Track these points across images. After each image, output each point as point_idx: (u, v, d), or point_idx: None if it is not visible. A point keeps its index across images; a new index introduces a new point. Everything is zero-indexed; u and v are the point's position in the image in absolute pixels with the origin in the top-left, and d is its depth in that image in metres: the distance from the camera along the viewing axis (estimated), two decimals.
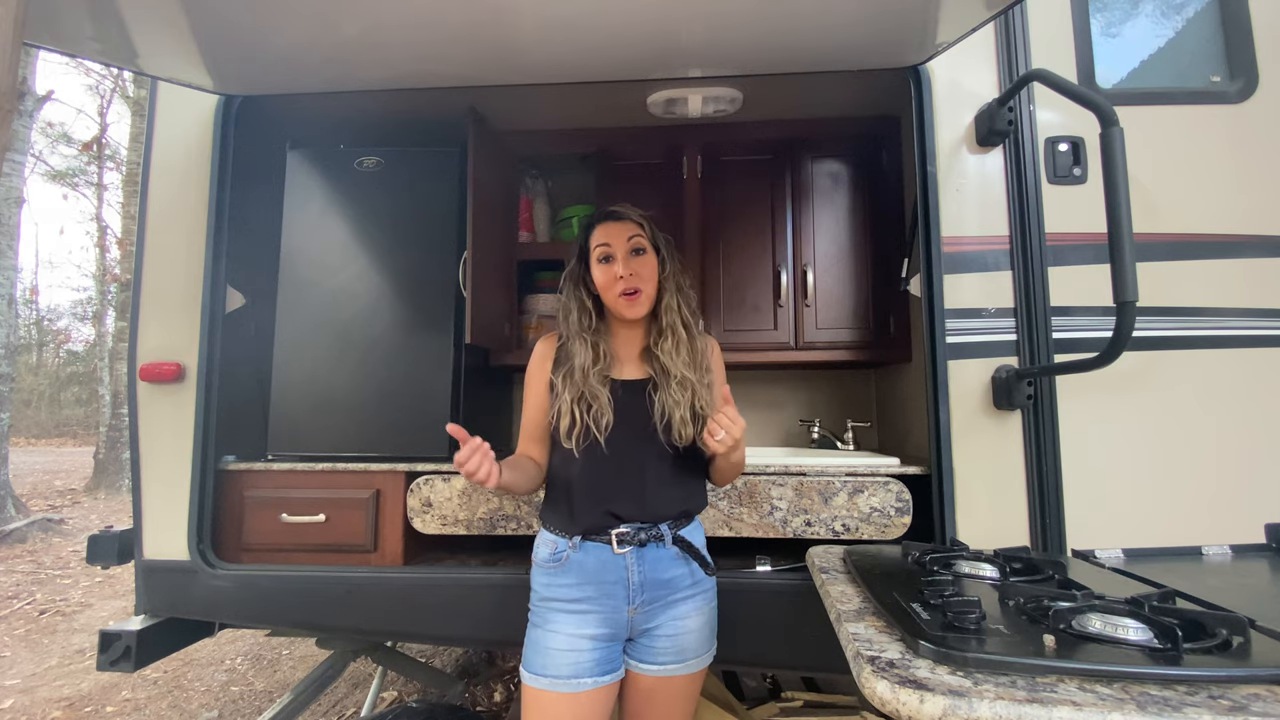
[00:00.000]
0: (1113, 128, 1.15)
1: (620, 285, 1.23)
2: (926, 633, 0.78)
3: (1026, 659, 0.71)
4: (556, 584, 1.22)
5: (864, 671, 0.73)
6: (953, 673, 0.70)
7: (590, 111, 2.05)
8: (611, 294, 1.25)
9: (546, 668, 1.17)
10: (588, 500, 1.23)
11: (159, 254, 1.72)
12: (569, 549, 1.22)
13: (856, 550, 1.29)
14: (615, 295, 1.24)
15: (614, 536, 1.21)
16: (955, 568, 1.13)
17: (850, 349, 2.05)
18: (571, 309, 1.29)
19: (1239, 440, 1.46)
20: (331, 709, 2.52)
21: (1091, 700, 0.64)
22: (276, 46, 1.40)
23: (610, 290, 1.25)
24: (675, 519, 1.25)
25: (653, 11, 1.26)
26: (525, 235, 2.29)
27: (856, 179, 2.13)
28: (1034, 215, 1.50)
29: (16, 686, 2.80)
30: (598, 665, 1.18)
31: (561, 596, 1.21)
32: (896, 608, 0.90)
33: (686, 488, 1.28)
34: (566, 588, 1.21)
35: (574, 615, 1.20)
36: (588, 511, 1.22)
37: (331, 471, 1.70)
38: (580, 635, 1.19)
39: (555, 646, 1.18)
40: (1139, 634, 0.78)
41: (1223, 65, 1.59)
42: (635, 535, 1.21)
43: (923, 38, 1.41)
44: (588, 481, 1.23)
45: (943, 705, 0.64)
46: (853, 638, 0.84)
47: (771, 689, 2.12)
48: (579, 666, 1.17)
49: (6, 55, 0.82)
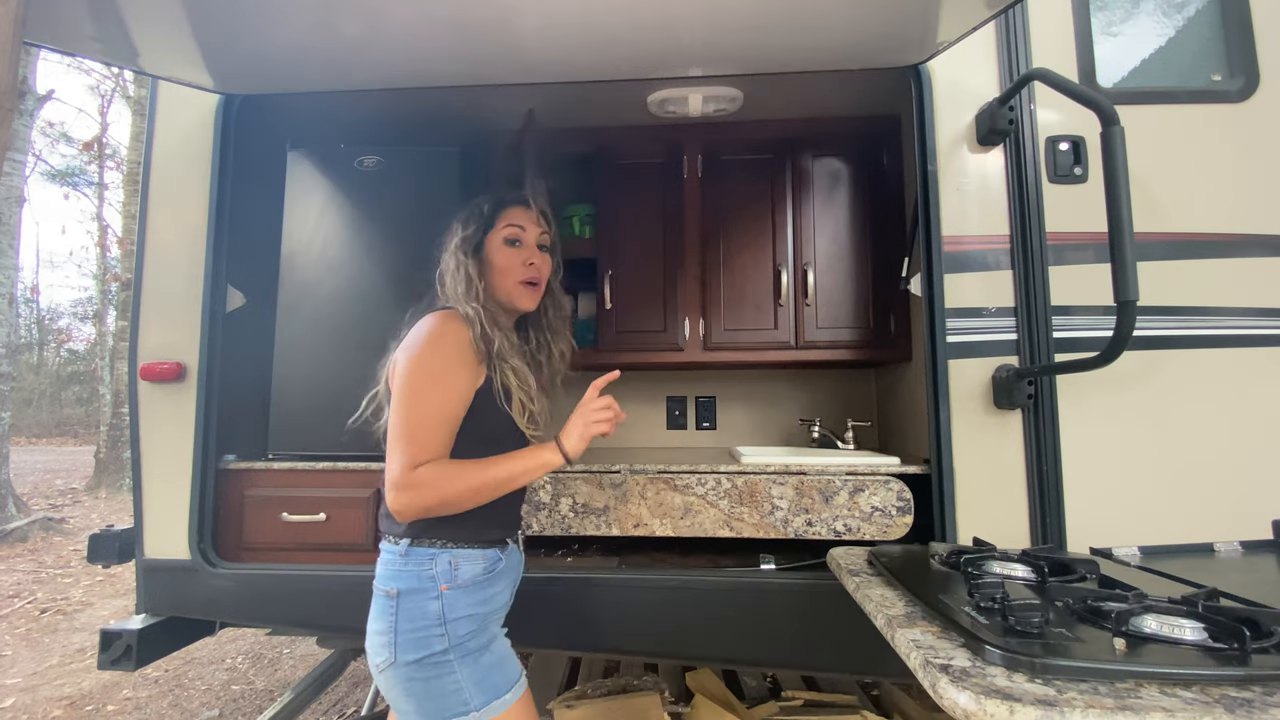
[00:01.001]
0: (1113, 127, 1.15)
1: (525, 273, 1.18)
2: (992, 638, 0.76)
3: (1104, 664, 0.70)
4: (491, 595, 1.12)
5: (939, 682, 0.70)
6: (1031, 680, 0.69)
7: (590, 111, 2.05)
8: (510, 279, 1.18)
9: (515, 678, 1.09)
10: (518, 498, 1.19)
11: (160, 253, 1.73)
12: (500, 556, 1.14)
13: (881, 551, 1.27)
14: (514, 282, 1.18)
15: (520, 533, 1.20)
16: (987, 568, 1.11)
17: (851, 348, 2.05)
18: (460, 279, 1.16)
19: (1241, 438, 1.46)
20: (332, 708, 2.52)
21: (1179, 706, 0.63)
22: (277, 46, 1.40)
23: (510, 275, 1.18)
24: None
25: (653, 11, 1.26)
26: None
27: (857, 178, 2.13)
28: (1034, 214, 1.50)
29: (18, 685, 2.80)
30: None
31: (500, 605, 1.15)
32: (947, 611, 0.87)
33: None
34: (501, 594, 1.15)
35: (500, 621, 1.17)
36: (515, 510, 1.19)
37: (332, 470, 1.70)
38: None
39: (507, 653, 1.13)
40: (1196, 634, 0.77)
41: (1224, 64, 1.59)
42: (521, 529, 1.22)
43: (923, 37, 1.41)
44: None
45: (1035, 716, 0.62)
46: (915, 645, 0.80)
47: (772, 688, 2.12)
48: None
49: (7, 55, 0.83)
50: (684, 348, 2.11)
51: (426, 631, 1.03)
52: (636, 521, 1.59)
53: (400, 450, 1.02)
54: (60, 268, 21.81)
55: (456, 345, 1.08)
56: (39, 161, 11.84)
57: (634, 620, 1.52)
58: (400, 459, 1.02)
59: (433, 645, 1.03)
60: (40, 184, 14.65)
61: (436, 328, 1.09)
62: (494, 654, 1.09)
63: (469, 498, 1.04)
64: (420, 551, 1.07)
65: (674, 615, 1.54)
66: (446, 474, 1.03)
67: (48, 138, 12.14)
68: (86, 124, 22.21)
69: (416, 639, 1.03)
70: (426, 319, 1.12)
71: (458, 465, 1.04)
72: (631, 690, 1.94)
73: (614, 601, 1.43)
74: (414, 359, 1.07)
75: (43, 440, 15.74)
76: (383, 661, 1.04)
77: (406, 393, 1.05)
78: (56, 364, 18.27)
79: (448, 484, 1.02)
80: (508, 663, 1.11)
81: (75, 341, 18.28)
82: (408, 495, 1.01)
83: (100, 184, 12.44)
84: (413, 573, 1.06)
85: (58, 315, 18.16)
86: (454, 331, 1.09)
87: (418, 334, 1.10)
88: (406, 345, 1.10)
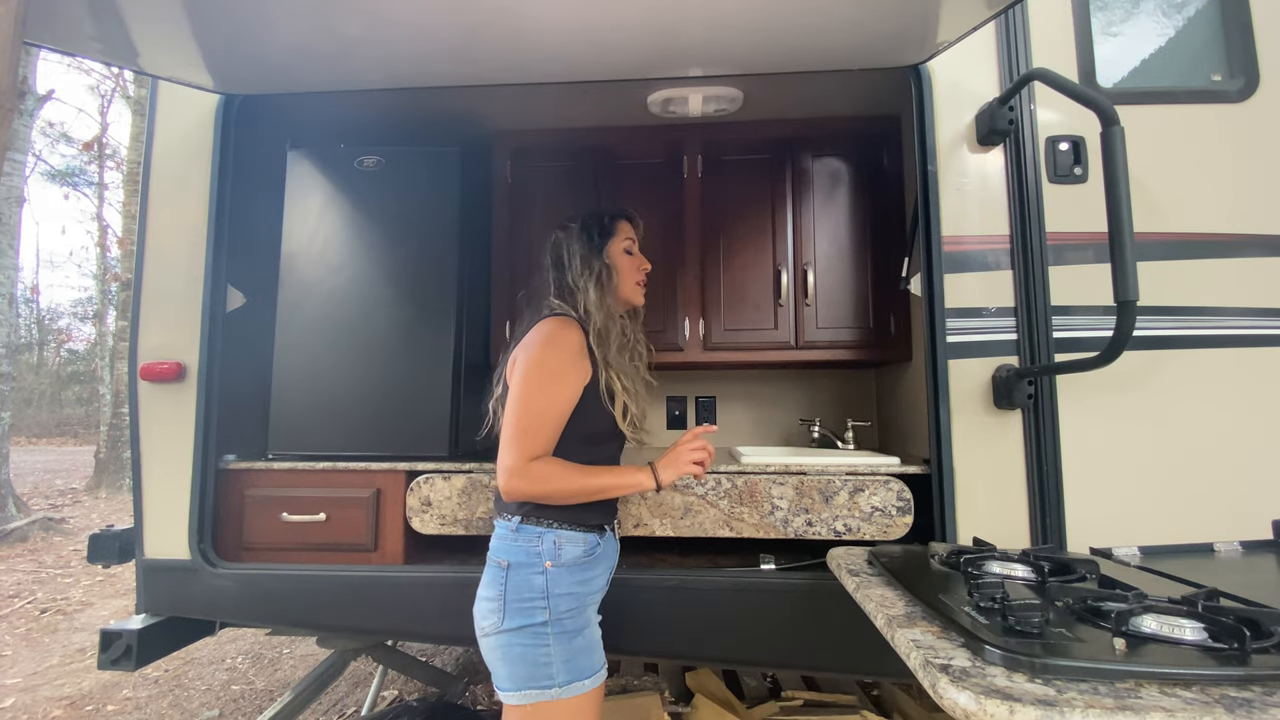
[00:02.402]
0: (1113, 127, 1.15)
1: (641, 275, 1.37)
2: (991, 638, 0.76)
3: (1103, 664, 0.70)
4: (591, 578, 1.23)
5: (939, 681, 0.70)
6: (1031, 680, 0.69)
7: (590, 111, 2.05)
8: (631, 280, 1.35)
9: (598, 667, 1.18)
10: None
11: (160, 253, 1.73)
12: (599, 541, 1.25)
13: (881, 551, 1.27)
14: (634, 282, 1.36)
15: (615, 522, 1.31)
16: (987, 568, 1.11)
17: (851, 348, 2.06)
18: (603, 281, 1.30)
19: (1241, 438, 1.45)
20: (332, 708, 2.52)
21: (1179, 706, 0.62)
22: (277, 46, 1.40)
23: (631, 276, 1.35)
24: None
25: (653, 11, 1.26)
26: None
27: (857, 178, 2.13)
28: (1034, 214, 1.50)
29: (18, 685, 2.80)
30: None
31: (597, 589, 1.26)
32: (947, 611, 0.88)
33: None
34: (599, 578, 1.26)
35: (596, 606, 1.26)
36: (613, 501, 1.29)
37: (332, 470, 1.70)
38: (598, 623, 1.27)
39: (597, 642, 1.22)
40: (1196, 634, 0.78)
41: (1224, 64, 1.59)
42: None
43: (923, 37, 1.41)
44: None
45: (1034, 716, 0.62)
46: (914, 644, 0.80)
47: (772, 688, 2.12)
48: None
49: (7, 55, 0.83)
50: (684, 348, 2.11)
51: (531, 603, 1.14)
52: (636, 521, 1.59)
53: (515, 441, 1.14)
54: (60, 268, 21.82)
55: (569, 347, 1.20)
56: (39, 161, 11.86)
57: (634, 620, 1.52)
58: (515, 449, 1.13)
59: (535, 615, 1.13)
60: (40, 184, 14.66)
61: (553, 331, 1.22)
62: (586, 638, 1.18)
63: (569, 498, 1.17)
64: (529, 529, 1.19)
65: (674, 615, 1.54)
66: (555, 473, 1.15)
67: (48, 138, 12.15)
68: (86, 124, 22.23)
69: (521, 608, 1.14)
70: (543, 323, 1.24)
71: (566, 468, 1.16)
72: (631, 690, 1.94)
73: (614, 601, 1.42)
74: (532, 359, 1.18)
75: (43, 440, 15.74)
76: (489, 626, 1.14)
77: (524, 390, 1.16)
78: (56, 364, 18.27)
79: (554, 482, 1.14)
80: (596, 650, 1.20)
81: (75, 341, 18.30)
82: (519, 483, 1.13)
83: (100, 184, 12.45)
84: (522, 548, 1.18)
85: (58, 315, 18.17)
86: (569, 335, 1.22)
87: (535, 337, 1.22)
88: (525, 345, 1.22)
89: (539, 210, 2.19)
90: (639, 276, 1.37)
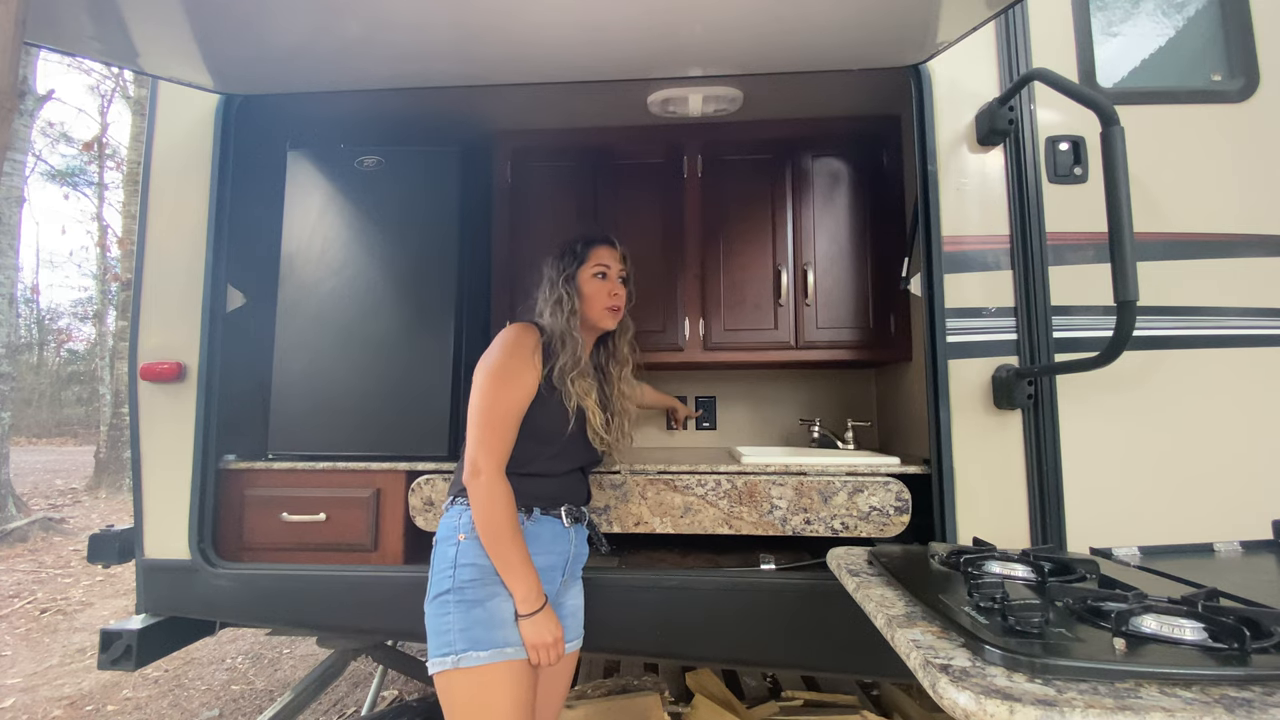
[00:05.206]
0: (1113, 127, 1.15)
1: (610, 300, 1.40)
2: (991, 638, 0.76)
3: (1103, 664, 0.70)
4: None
5: (939, 681, 0.70)
6: (1031, 680, 0.69)
7: (590, 111, 2.05)
8: (598, 305, 1.39)
9: (500, 645, 1.16)
10: (552, 482, 1.33)
11: (160, 253, 1.72)
12: (525, 520, 1.27)
13: (881, 551, 1.27)
14: (602, 307, 1.39)
15: (563, 512, 1.33)
16: (987, 568, 1.11)
17: (850, 348, 2.05)
18: (562, 305, 1.37)
19: (1241, 438, 1.45)
20: (332, 708, 2.52)
21: (1179, 706, 0.62)
22: (277, 46, 1.40)
23: (598, 301, 1.39)
24: (586, 504, 1.43)
25: (653, 11, 1.26)
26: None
27: (857, 178, 2.13)
28: (1034, 214, 1.50)
29: (18, 685, 2.81)
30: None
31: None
32: (947, 611, 0.87)
33: (588, 482, 1.48)
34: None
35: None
36: (545, 489, 1.32)
37: (332, 470, 1.70)
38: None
39: (506, 620, 1.18)
40: (1196, 634, 0.77)
41: (1224, 64, 1.59)
42: (574, 512, 1.36)
43: (923, 37, 1.41)
44: (557, 467, 1.33)
45: (1034, 716, 0.62)
46: (914, 645, 0.80)
47: (772, 688, 2.12)
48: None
49: (7, 55, 0.83)
50: (684, 348, 2.11)
51: (442, 573, 1.20)
52: (637, 520, 1.59)
53: (482, 441, 1.21)
54: (60, 268, 21.84)
55: (523, 349, 1.28)
56: (39, 161, 11.86)
57: (634, 620, 1.52)
58: (484, 450, 1.21)
59: (443, 584, 1.19)
60: (40, 184, 14.67)
61: (508, 335, 1.31)
62: (488, 611, 1.18)
63: (484, 532, 1.19)
64: (456, 508, 1.27)
65: (674, 615, 1.54)
66: (500, 513, 1.19)
67: (48, 138, 12.15)
68: (86, 124, 22.24)
69: (436, 579, 1.21)
70: (505, 329, 1.33)
71: (509, 518, 1.20)
72: (631, 690, 1.94)
73: (614, 601, 1.43)
74: (489, 362, 1.27)
75: (43, 440, 15.75)
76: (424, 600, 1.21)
77: (480, 390, 1.25)
78: (56, 364, 18.28)
79: (490, 511, 1.19)
80: (500, 627, 1.17)
81: (75, 341, 18.30)
82: (477, 487, 1.19)
83: (100, 184, 12.45)
84: (447, 523, 1.26)
85: (58, 315, 18.17)
86: (524, 337, 1.30)
87: (495, 341, 1.31)
88: (488, 349, 1.30)
89: (539, 210, 2.19)
90: (609, 302, 1.40)
